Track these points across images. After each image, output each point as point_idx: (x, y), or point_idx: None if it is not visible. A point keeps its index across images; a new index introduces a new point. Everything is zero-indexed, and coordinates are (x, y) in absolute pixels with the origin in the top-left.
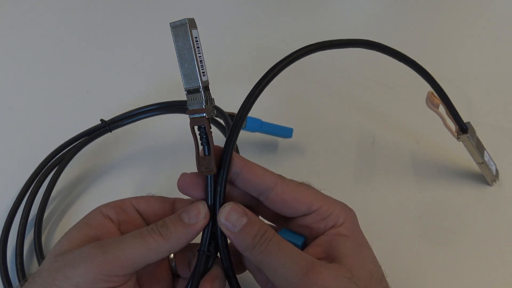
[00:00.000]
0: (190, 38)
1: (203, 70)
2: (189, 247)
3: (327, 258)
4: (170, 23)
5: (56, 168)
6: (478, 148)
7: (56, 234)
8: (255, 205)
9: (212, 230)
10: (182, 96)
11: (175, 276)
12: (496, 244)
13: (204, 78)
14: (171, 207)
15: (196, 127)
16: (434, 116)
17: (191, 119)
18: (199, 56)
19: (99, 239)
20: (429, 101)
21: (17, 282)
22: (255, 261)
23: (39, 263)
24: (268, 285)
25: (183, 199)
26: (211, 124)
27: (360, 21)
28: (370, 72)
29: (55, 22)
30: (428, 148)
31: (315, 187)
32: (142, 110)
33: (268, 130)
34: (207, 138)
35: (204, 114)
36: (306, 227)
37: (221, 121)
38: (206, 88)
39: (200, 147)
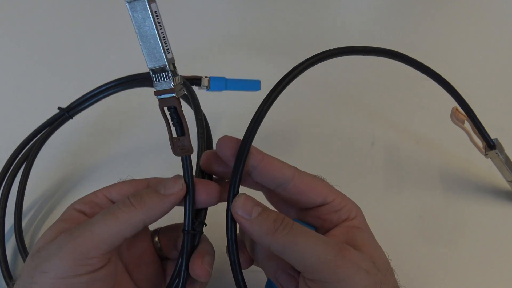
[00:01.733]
0: (150, 13)
1: (167, 47)
2: (171, 228)
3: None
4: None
5: (25, 163)
6: (508, 165)
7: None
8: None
9: (193, 208)
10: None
11: (163, 259)
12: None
13: (169, 56)
14: (145, 187)
15: (165, 108)
16: (434, 116)
17: (159, 100)
18: (162, 32)
19: None
20: (454, 117)
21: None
22: (276, 245)
23: (24, 259)
24: (276, 274)
25: (157, 178)
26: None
27: (361, 21)
28: (370, 72)
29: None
30: (428, 149)
31: (327, 180)
32: (100, 89)
33: (234, 87)
34: (178, 118)
35: (174, 94)
36: (318, 218)
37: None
38: (173, 65)
39: (173, 128)
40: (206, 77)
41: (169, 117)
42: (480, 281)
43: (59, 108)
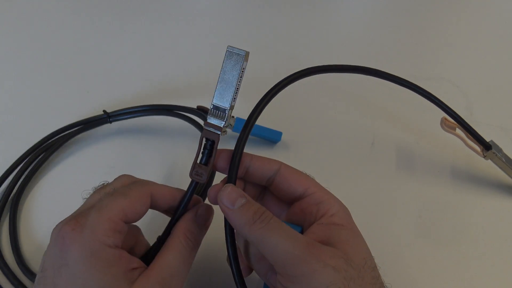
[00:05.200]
0: (240, 68)
1: (235, 97)
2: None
3: (322, 243)
4: (228, 46)
5: (43, 153)
6: (509, 163)
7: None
8: (256, 198)
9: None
10: (176, 98)
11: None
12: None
13: (233, 103)
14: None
15: (205, 138)
16: (434, 116)
17: (205, 130)
18: (239, 85)
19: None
20: (444, 126)
21: None
22: (253, 236)
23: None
24: (267, 275)
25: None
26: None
27: (361, 20)
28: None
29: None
30: (429, 149)
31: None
32: (143, 108)
33: (257, 133)
34: (211, 151)
35: (219, 132)
36: (301, 212)
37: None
38: (231, 111)
39: (200, 156)
40: (232, 116)
41: (203, 145)
42: (481, 281)
43: (104, 110)
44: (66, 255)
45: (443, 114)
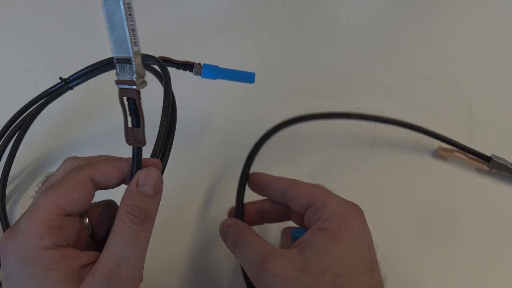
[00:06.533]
0: (122, 5)
1: (135, 40)
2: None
3: (300, 249)
4: None
5: (17, 133)
6: None
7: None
8: (283, 214)
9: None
10: None
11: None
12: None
13: (135, 48)
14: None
15: (124, 98)
16: (434, 116)
17: (120, 89)
18: (131, 24)
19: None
20: (442, 153)
21: None
22: (231, 251)
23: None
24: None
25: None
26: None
27: (360, 20)
28: (370, 71)
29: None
30: (429, 148)
31: (326, 187)
32: (102, 64)
33: (227, 76)
34: (136, 110)
35: (134, 87)
36: (307, 219)
37: (156, 67)
38: (139, 58)
39: (129, 118)
40: (199, 63)
41: (127, 107)
42: (482, 281)
43: (60, 78)
44: (6, 266)
45: (441, 113)
